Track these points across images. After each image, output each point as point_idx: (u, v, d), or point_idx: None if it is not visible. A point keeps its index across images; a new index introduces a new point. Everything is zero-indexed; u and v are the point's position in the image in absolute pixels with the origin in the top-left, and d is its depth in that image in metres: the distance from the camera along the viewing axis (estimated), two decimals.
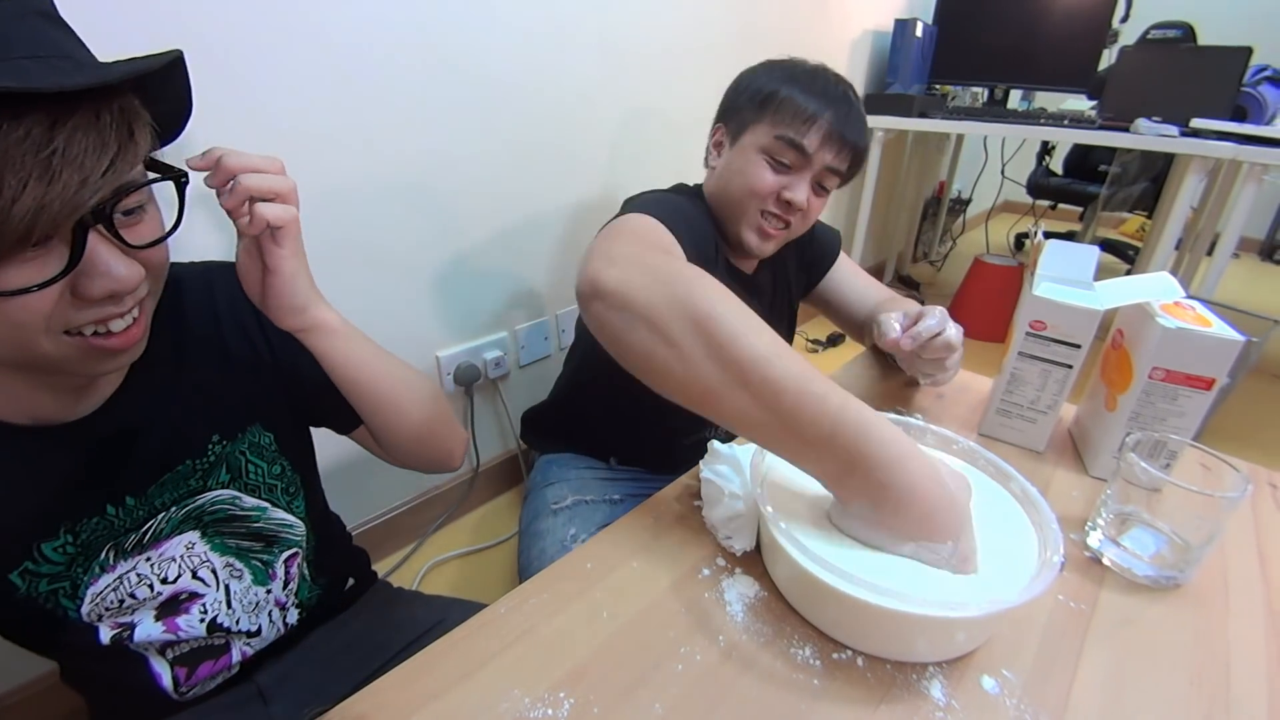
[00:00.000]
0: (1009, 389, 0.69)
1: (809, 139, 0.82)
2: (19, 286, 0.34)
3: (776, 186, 0.84)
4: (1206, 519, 0.49)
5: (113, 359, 0.43)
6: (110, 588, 0.51)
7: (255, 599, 0.61)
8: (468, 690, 0.41)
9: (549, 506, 0.98)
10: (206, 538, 0.57)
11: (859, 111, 0.85)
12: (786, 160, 0.83)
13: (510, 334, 1.41)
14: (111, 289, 0.38)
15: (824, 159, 0.83)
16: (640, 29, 1.42)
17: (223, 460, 0.56)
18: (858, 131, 0.85)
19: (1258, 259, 3.97)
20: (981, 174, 3.15)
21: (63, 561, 0.48)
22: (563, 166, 1.37)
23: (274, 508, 0.61)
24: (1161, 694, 0.43)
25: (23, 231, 0.33)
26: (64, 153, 0.33)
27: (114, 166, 0.36)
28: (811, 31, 2.02)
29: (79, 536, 0.49)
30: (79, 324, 0.39)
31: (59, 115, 0.33)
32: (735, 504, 0.53)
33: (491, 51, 1.15)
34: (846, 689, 0.42)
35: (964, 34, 2.40)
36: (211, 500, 0.56)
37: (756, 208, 0.85)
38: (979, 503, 0.54)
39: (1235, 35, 2.10)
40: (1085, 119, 2.07)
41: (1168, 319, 0.58)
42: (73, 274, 0.37)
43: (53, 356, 0.39)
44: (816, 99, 0.82)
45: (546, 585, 0.49)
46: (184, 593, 0.56)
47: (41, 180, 0.33)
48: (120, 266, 0.38)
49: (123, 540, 0.51)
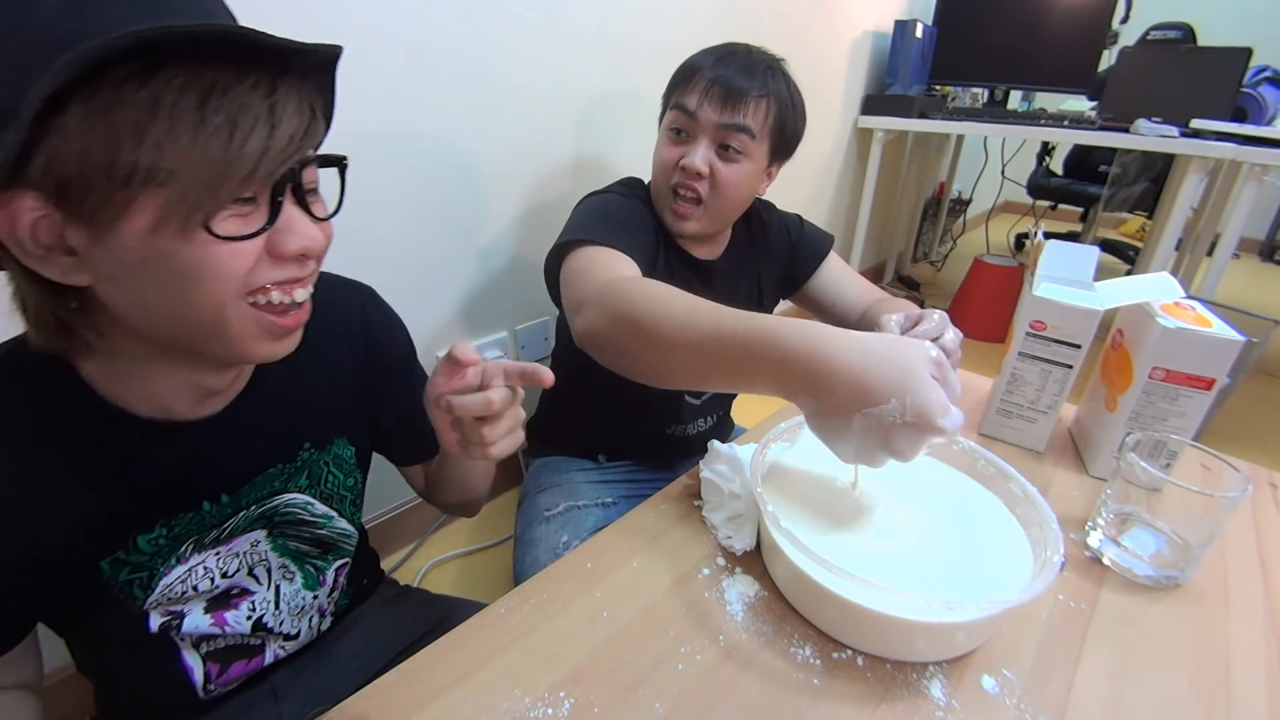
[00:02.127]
0: (1009, 389, 0.69)
1: (690, 97, 0.81)
2: (232, 234, 0.37)
3: (676, 156, 0.83)
4: (1206, 519, 0.49)
5: (282, 339, 0.45)
6: (180, 579, 0.52)
7: (302, 603, 0.62)
8: (468, 690, 0.41)
9: (541, 514, 0.97)
10: (271, 537, 0.58)
11: (754, 64, 0.81)
12: (680, 126, 0.83)
13: (510, 334, 1.41)
14: (304, 246, 0.41)
15: (710, 116, 0.80)
16: (641, 29, 1.42)
17: (307, 466, 0.58)
18: (748, 82, 0.79)
19: (1258, 259, 3.97)
20: (981, 174, 3.14)
21: (150, 553, 0.49)
22: (563, 165, 1.37)
23: (339, 517, 0.63)
24: (1161, 693, 0.43)
25: (248, 171, 0.36)
26: (282, 105, 0.37)
27: (309, 133, 0.39)
28: (811, 32, 2.02)
29: (172, 530, 0.50)
30: (269, 283, 0.41)
31: (276, 73, 0.37)
32: (735, 504, 0.53)
33: (492, 50, 1.15)
34: (847, 688, 0.42)
35: (964, 35, 2.40)
36: (286, 502, 0.57)
37: (667, 186, 0.85)
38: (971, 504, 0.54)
39: (1235, 36, 2.10)
40: (1085, 120, 2.07)
41: (1168, 319, 0.58)
42: (270, 231, 0.39)
43: (234, 327, 0.41)
44: (704, 59, 0.81)
45: (546, 585, 0.49)
46: (236, 588, 0.56)
47: (266, 125, 0.36)
48: (310, 228, 0.42)
49: (204, 535, 0.52)
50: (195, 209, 0.36)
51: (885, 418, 0.40)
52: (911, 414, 0.39)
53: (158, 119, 0.33)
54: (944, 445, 0.59)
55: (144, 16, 0.33)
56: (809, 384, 0.43)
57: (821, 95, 2.14)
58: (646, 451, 1.05)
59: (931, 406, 0.39)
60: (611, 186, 0.94)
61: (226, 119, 0.35)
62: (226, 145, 0.35)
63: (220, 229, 0.37)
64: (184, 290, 0.38)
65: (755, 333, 0.46)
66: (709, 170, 0.81)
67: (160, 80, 0.33)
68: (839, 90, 2.26)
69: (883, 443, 0.41)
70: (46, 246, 0.36)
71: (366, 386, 0.63)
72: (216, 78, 0.35)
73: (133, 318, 0.40)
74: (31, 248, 0.36)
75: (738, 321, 0.48)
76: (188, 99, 0.34)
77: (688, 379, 0.54)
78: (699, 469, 0.59)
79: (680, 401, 1.00)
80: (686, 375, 0.54)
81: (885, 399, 0.40)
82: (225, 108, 0.35)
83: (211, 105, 0.34)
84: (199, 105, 0.34)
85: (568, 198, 1.39)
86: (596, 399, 1.00)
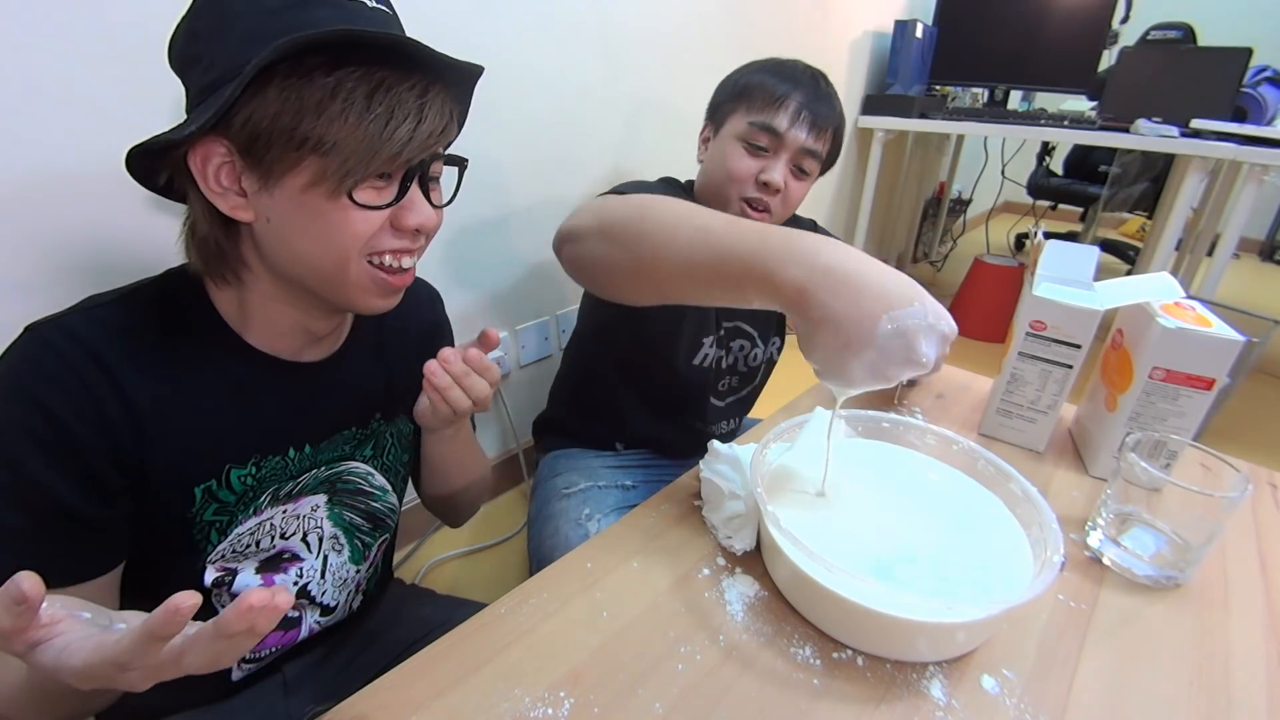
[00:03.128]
0: (1009, 389, 0.69)
1: (779, 119, 0.86)
2: (367, 203, 0.46)
3: (754, 170, 0.88)
4: (1206, 519, 0.49)
5: (390, 295, 0.52)
6: (250, 530, 0.55)
7: (345, 575, 0.64)
8: (468, 690, 0.41)
9: (560, 492, 0.98)
10: (330, 504, 0.61)
11: (828, 93, 0.90)
12: (762, 144, 0.88)
13: (511, 334, 1.41)
14: (420, 223, 0.49)
15: (797, 139, 0.87)
16: (642, 28, 1.42)
17: (374, 436, 0.63)
18: (828, 111, 0.89)
19: (1258, 259, 3.97)
20: (982, 174, 3.14)
21: (238, 492, 0.53)
22: (563, 164, 1.37)
23: (392, 491, 0.67)
24: (1161, 693, 0.43)
25: (393, 153, 0.44)
26: (430, 106, 0.45)
27: (445, 132, 0.48)
28: (812, 32, 2.02)
29: (260, 470, 0.54)
30: (385, 249, 0.49)
31: (430, 80, 0.46)
32: (735, 504, 0.53)
33: (491, 49, 1.15)
34: (847, 688, 0.42)
35: (964, 35, 2.40)
36: (350, 470, 0.62)
37: (737, 194, 0.90)
38: (971, 504, 0.54)
39: (1235, 36, 2.10)
40: (1085, 120, 2.07)
41: (1168, 319, 0.58)
42: (397, 206, 0.48)
43: (352, 279, 0.49)
44: (785, 82, 0.87)
45: (546, 585, 0.49)
46: (289, 552, 0.59)
47: (415, 119, 0.44)
48: (428, 209, 0.50)
49: (282, 486, 0.56)
50: (346, 177, 0.44)
51: (910, 320, 0.41)
52: (932, 315, 0.41)
53: (335, 101, 0.42)
54: (944, 445, 0.59)
55: (340, 19, 0.43)
56: (831, 293, 0.41)
57: None
58: (668, 436, 1.06)
59: (942, 309, 0.42)
60: (654, 181, 0.98)
61: (385, 109, 0.43)
62: (382, 130, 0.43)
63: (359, 197, 0.45)
64: (322, 239, 0.46)
65: (776, 231, 0.45)
66: (784, 187, 0.88)
67: (343, 71, 0.42)
68: (839, 90, 2.25)
69: (906, 348, 0.41)
70: (225, 186, 0.45)
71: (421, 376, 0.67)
72: (385, 76, 0.43)
73: (276, 256, 0.48)
74: (214, 185, 0.45)
75: (755, 223, 0.47)
76: (361, 89, 0.42)
77: (681, 283, 0.50)
78: (699, 469, 0.59)
79: (704, 401, 1.01)
80: (681, 278, 0.50)
81: (909, 303, 0.41)
82: (387, 101, 0.43)
83: (377, 97, 0.43)
84: (368, 95, 0.43)
85: (568, 196, 1.39)
86: (618, 394, 1.02)
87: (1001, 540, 0.50)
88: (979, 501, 0.54)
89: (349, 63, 0.42)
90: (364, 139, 0.43)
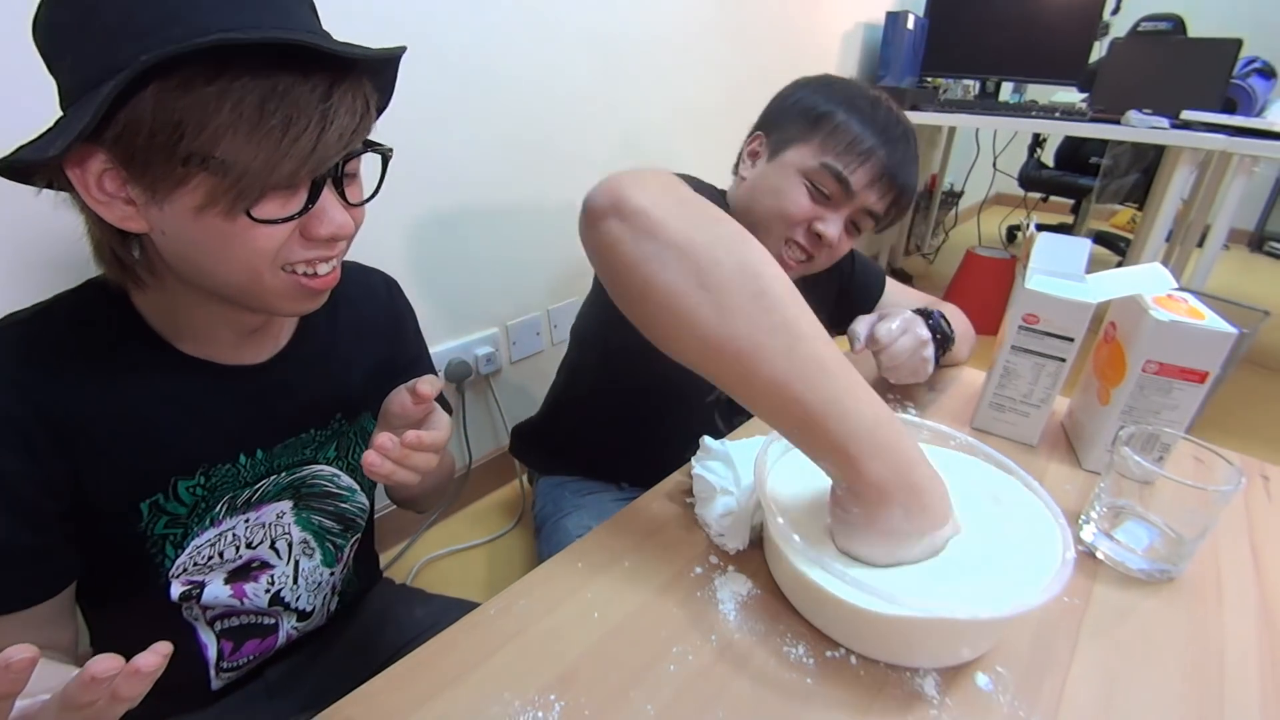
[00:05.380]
0: (1002, 382, 0.69)
1: (857, 175, 0.76)
2: (270, 218, 0.41)
3: (810, 215, 0.79)
4: (1199, 512, 0.49)
5: (314, 298, 0.48)
6: (210, 542, 0.53)
7: (319, 579, 0.63)
8: (457, 694, 0.40)
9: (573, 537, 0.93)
10: (296, 509, 0.59)
11: (915, 153, 0.80)
12: (827, 190, 0.78)
13: (502, 329, 1.40)
14: (333, 231, 0.44)
15: (868, 199, 0.78)
16: (631, 22, 1.40)
17: (337, 437, 0.61)
18: (910, 175, 0.79)
19: (1247, 250, 3.99)
20: (973, 167, 3.14)
21: (188, 504, 0.51)
22: (553, 161, 1.36)
23: (360, 491, 0.65)
24: (1155, 687, 0.43)
25: (296, 165, 0.39)
26: (336, 108, 0.40)
27: (358, 129, 0.42)
28: (803, 24, 2.01)
29: (210, 479, 0.52)
30: (298, 260, 0.45)
31: (335, 79, 0.40)
32: (728, 501, 0.53)
33: (483, 47, 1.13)
34: (840, 687, 0.41)
35: (955, 27, 2.40)
36: (315, 473, 0.59)
37: (783, 233, 0.81)
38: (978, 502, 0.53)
39: (1225, 27, 2.10)
40: (1076, 111, 2.08)
41: (1160, 312, 0.58)
42: (306, 216, 0.43)
43: (269, 288, 0.45)
44: (875, 134, 0.76)
45: (536, 586, 0.49)
46: (258, 561, 0.58)
47: (318, 126, 0.39)
48: (341, 215, 0.45)
49: (238, 494, 0.54)
50: (241, 198, 0.39)
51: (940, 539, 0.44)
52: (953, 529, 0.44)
53: (220, 113, 0.36)
54: (940, 441, 0.58)
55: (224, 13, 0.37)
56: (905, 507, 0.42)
57: None
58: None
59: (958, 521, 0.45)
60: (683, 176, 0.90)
61: (282, 119, 0.38)
62: (279, 144, 0.38)
63: (259, 212, 0.40)
64: (225, 257, 0.42)
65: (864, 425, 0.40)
66: (836, 241, 0.80)
67: (227, 78, 0.36)
68: None
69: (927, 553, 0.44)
70: (109, 194, 0.40)
71: (389, 367, 0.65)
72: (279, 80, 0.37)
73: (180, 269, 0.44)
74: (97, 194, 0.40)
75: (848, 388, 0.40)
76: (250, 98, 0.37)
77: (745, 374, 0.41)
78: (691, 466, 0.58)
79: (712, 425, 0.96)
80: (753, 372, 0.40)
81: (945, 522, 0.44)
82: (282, 109, 0.37)
83: (270, 105, 0.37)
84: (260, 103, 0.37)
85: (559, 194, 1.38)
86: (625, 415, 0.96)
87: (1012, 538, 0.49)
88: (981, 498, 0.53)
89: (234, 68, 0.36)
90: (259, 153, 0.38)
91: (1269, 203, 3.93)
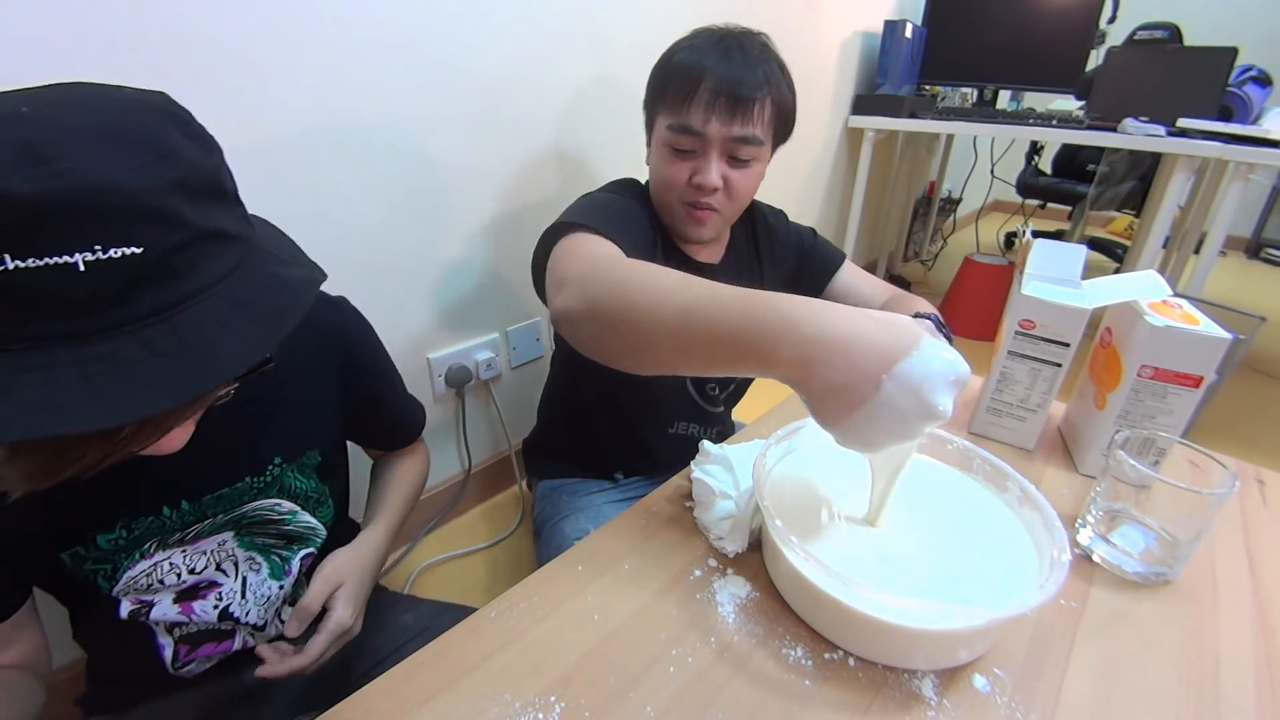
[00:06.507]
0: (999, 387, 0.69)
1: (694, 116, 0.75)
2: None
3: (685, 174, 0.79)
4: (1195, 515, 0.49)
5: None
6: (144, 573, 0.54)
7: (268, 593, 0.63)
8: (456, 696, 0.40)
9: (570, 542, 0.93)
10: (239, 536, 0.59)
11: (753, 59, 0.75)
12: (685, 146, 0.78)
13: (501, 335, 1.41)
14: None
15: (718, 130, 0.75)
16: (632, 29, 1.41)
17: (278, 481, 0.60)
18: (752, 82, 0.74)
19: (1244, 257, 4.01)
20: (971, 174, 3.16)
21: (110, 551, 0.52)
22: (553, 163, 1.36)
23: (303, 511, 0.64)
24: (1152, 689, 0.43)
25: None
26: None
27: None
28: (801, 32, 2.02)
29: (132, 532, 0.52)
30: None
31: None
32: (727, 504, 0.53)
33: (483, 51, 1.14)
34: (838, 689, 0.42)
35: (953, 35, 2.41)
36: (255, 508, 0.59)
37: (677, 199, 0.82)
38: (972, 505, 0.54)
39: (1221, 36, 2.12)
40: (1073, 119, 2.09)
41: (1156, 317, 0.58)
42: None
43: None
44: (695, 66, 0.74)
45: (536, 588, 0.49)
46: (205, 581, 0.58)
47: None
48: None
49: (168, 537, 0.54)
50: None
51: (913, 372, 0.37)
52: (937, 361, 0.38)
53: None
54: (938, 445, 0.59)
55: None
56: (825, 363, 0.38)
57: (812, 95, 2.14)
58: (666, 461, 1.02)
59: (946, 350, 0.39)
60: (606, 187, 0.91)
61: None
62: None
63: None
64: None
65: (757, 306, 0.41)
66: (724, 182, 0.79)
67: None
68: (829, 90, 2.26)
69: (917, 402, 0.38)
70: None
71: (341, 395, 0.65)
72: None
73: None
74: None
75: (736, 294, 0.43)
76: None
77: (672, 358, 0.47)
78: (690, 470, 0.59)
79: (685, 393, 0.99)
80: (671, 354, 0.47)
81: (907, 352, 0.37)
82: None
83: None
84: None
85: (558, 197, 1.39)
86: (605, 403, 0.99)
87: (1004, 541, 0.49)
88: (977, 502, 0.54)
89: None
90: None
91: (1265, 209, 3.95)
